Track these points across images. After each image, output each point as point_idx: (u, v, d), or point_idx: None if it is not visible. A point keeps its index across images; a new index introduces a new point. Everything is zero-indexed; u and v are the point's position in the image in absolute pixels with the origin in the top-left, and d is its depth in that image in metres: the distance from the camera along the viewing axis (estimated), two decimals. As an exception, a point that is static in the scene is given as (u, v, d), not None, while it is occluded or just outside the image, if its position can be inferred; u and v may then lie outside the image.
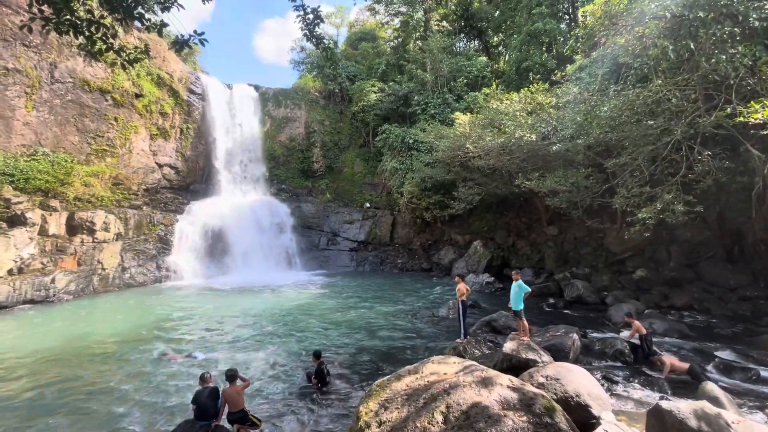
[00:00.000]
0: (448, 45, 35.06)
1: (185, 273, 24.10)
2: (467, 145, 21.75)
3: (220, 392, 5.97)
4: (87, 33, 6.85)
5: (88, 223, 20.46)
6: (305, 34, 9.11)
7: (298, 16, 8.68)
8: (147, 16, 7.38)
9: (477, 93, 29.33)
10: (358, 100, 35.82)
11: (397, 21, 40.91)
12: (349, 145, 38.39)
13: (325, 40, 9.59)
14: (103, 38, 7.01)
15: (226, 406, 5.91)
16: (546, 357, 8.52)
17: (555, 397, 5.71)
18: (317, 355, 8.43)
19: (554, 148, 17.52)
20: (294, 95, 37.93)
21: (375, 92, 34.91)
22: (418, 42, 36.49)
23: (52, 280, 17.89)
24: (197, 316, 15.28)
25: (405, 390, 4.88)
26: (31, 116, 21.79)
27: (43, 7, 6.36)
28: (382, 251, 31.43)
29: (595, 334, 12.21)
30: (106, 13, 7.13)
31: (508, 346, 8.42)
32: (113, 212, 22.25)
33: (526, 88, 21.52)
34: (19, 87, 21.35)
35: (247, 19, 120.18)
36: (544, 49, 27.59)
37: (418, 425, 4.21)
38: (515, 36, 30.20)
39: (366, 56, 42.95)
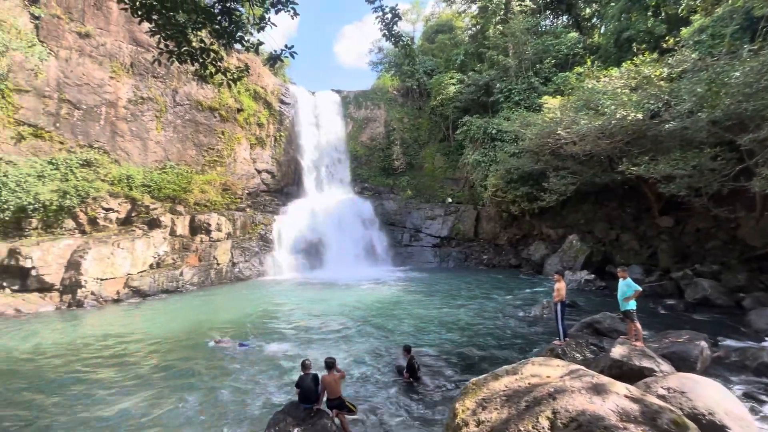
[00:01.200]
0: (532, 25, 32.64)
1: (283, 268, 26.44)
2: (558, 131, 20.00)
3: (320, 379, 6.42)
4: (200, 60, 7.92)
5: (205, 225, 23.67)
6: (384, 34, 9.27)
7: (376, 17, 8.87)
8: (246, 38, 8.27)
9: (568, 73, 26.79)
10: (436, 94, 35.37)
11: (474, 7, 39.34)
12: (429, 140, 38.17)
13: (403, 38, 9.67)
14: (213, 62, 8.03)
15: (325, 392, 6.33)
16: (666, 366, 7.45)
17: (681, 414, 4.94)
18: (408, 348, 8.55)
19: (667, 126, 15.18)
20: (373, 96, 38.98)
21: (454, 84, 34.11)
22: (499, 26, 34.56)
23: (181, 273, 21.10)
24: (294, 308, 16.66)
25: (504, 390, 4.67)
26: (160, 136, 25.96)
27: (168, 42, 7.51)
28: (466, 247, 30.65)
29: (729, 342, 10.33)
30: (213, 41, 8.15)
31: (618, 351, 7.54)
32: (224, 214, 25.38)
33: (628, 62, 18.99)
34: (151, 112, 25.58)
35: (328, 27, 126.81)
36: (650, 13, 24.01)
37: (521, 429, 3.99)
38: (613, 4, 26.83)
39: (443, 49, 42.16)
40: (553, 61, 29.84)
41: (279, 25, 7.90)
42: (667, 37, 18.39)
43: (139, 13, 7.02)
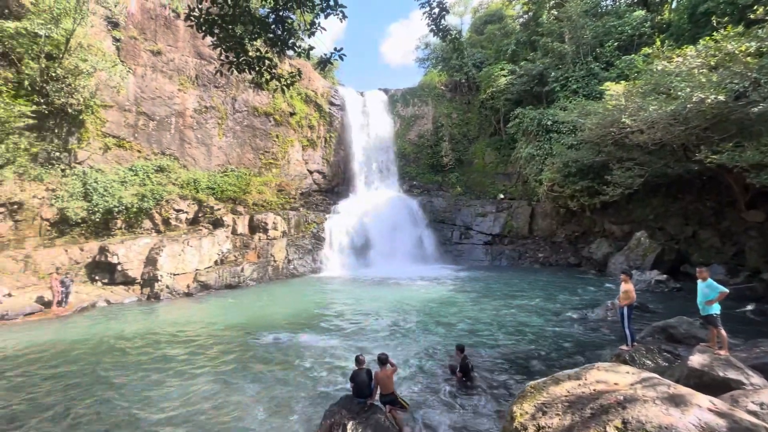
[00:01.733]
0: (591, 6, 30.44)
1: (334, 265, 27.22)
2: (623, 120, 18.46)
3: (373, 374, 6.52)
4: (257, 68, 8.38)
5: (262, 224, 25.03)
6: (431, 29, 9.17)
7: (423, 13, 8.80)
8: (297, 43, 8.60)
9: (633, 56, 24.65)
10: (486, 87, 34.30)
11: (526, -6, 37.57)
12: (479, 135, 37.15)
13: (451, 32, 9.49)
14: (268, 70, 8.47)
15: (378, 387, 6.42)
16: (757, 379, 6.58)
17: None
18: (461, 348, 8.40)
19: (757, 108, 13.40)
20: (420, 92, 38.71)
21: (504, 75, 32.85)
22: (553, 11, 32.66)
23: (242, 269, 22.51)
24: (345, 304, 17.08)
25: (566, 396, 4.42)
26: (222, 141, 27.86)
27: (228, 54, 8.04)
28: (519, 245, 29.45)
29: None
30: (268, 49, 8.57)
31: (697, 360, 6.80)
32: (279, 214, 26.65)
33: (706, 38, 17.00)
34: (214, 120, 27.54)
35: (374, 27, 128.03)
36: (733, -19, 21.30)
37: (586, 438, 3.75)
38: (686, -25, 24.20)
39: (492, 39, 40.74)
40: (615, 44, 27.64)
41: (327, 28, 8.11)
42: (755, 7, 16.18)
43: (203, 28, 7.59)
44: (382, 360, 6.54)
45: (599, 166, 22.50)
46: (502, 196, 32.55)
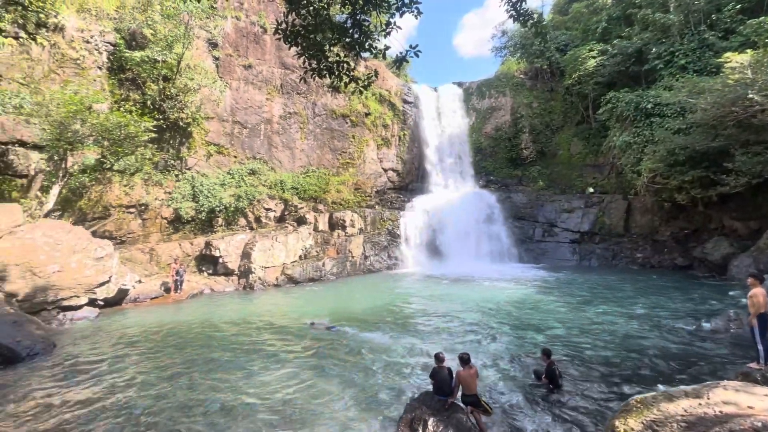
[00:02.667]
0: (704, -34, 26.09)
1: (409, 262, 27.43)
2: (750, 96, 15.58)
3: (455, 373, 6.42)
4: (336, 72, 8.78)
5: (341, 221, 26.23)
6: (511, 15, 8.70)
7: (501, -1, 8.38)
8: (373, 44, 8.80)
9: (763, 18, 20.56)
10: (571, 72, 31.51)
11: (620, -37, 33.53)
12: (563, 124, 34.33)
13: (532, 15, 8.88)
14: (346, 73, 8.81)
15: (460, 387, 6.30)
16: None
17: None
18: (548, 353, 7.87)
19: None
20: (497, 83, 37.01)
21: (594, 57, 29.83)
22: (654, -22, 28.69)
23: (323, 264, 23.87)
24: (421, 301, 17.11)
25: (682, 415, 3.86)
26: (304, 144, 29.80)
27: (310, 61, 8.55)
28: (613, 243, 26.60)
29: None
30: (346, 53, 8.92)
31: None
32: (356, 212, 27.66)
33: None
34: (296, 124, 29.58)
35: (447, 20, 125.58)
36: None
37: (710, 466, 3.24)
38: None
39: (579, 19, 37.22)
40: (738, 6, 23.36)
41: (401, 26, 8.20)
42: None
43: (289, 39, 8.18)
44: (464, 359, 6.41)
45: (716, 153, 19.26)
46: (591, 190, 29.68)
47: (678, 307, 14.37)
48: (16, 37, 18.78)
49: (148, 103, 22.11)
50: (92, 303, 15.16)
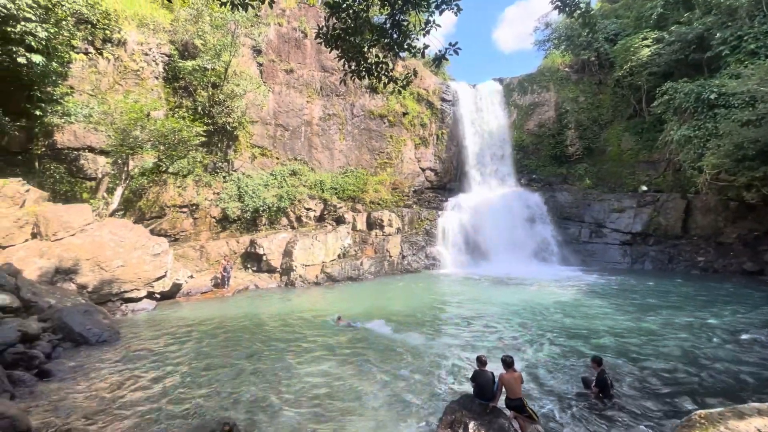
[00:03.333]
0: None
1: (447, 262, 27.08)
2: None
3: (497, 377, 6.26)
4: (375, 73, 8.86)
5: (379, 221, 26.42)
6: (556, 6, 8.34)
7: (547, -11, 8.05)
8: (412, 44, 8.79)
9: None
10: (622, 63, 29.64)
11: (678, -57, 31.02)
12: (613, 119, 32.36)
13: (579, 4, 8.46)
14: (385, 74, 8.86)
15: (504, 391, 6.13)
16: None
17: None
18: (598, 361, 7.43)
19: None
20: (540, 78, 35.57)
21: (648, 45, 27.86)
22: (719, -44, 26.25)
23: (361, 263, 24.16)
24: (460, 303, 16.84)
25: (753, 436, 3.52)
26: (342, 145, 30.32)
27: (350, 63, 8.69)
28: (669, 245, 24.73)
29: None
30: (385, 54, 8.96)
31: None
32: (393, 211, 27.75)
33: None
34: (335, 126, 30.15)
35: (486, 14, 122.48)
36: None
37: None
38: None
39: (630, 6, 34.87)
40: (821, -18, 20.82)
41: (440, 24, 8.11)
42: None
43: (330, 43, 8.36)
44: (508, 362, 6.23)
45: (794, 146, 17.33)
46: (645, 188, 27.76)
47: (747, 317, 13.09)
48: (86, 53, 20.68)
49: (199, 109, 23.50)
50: (150, 296, 16.37)
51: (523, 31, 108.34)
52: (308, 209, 25.86)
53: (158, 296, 16.71)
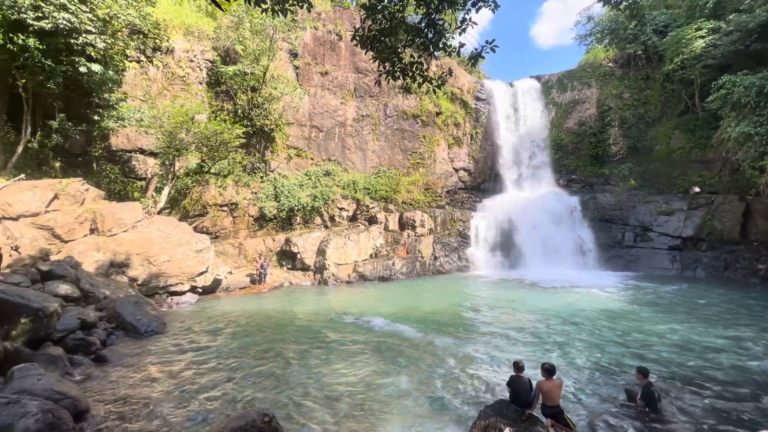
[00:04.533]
0: None
1: (480, 264, 26.54)
2: None
3: (535, 384, 6.06)
4: (410, 73, 8.84)
5: (411, 221, 26.34)
6: (601, -2, 7.96)
7: (592, -19, 7.70)
8: (448, 43, 8.69)
9: None
10: (673, 56, 27.80)
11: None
12: (661, 116, 30.46)
13: (626, -5, 8.03)
14: (420, 73, 8.83)
15: (541, 398, 5.93)
16: None
17: None
18: (644, 372, 6.96)
19: None
20: (581, 74, 34.10)
21: (702, 36, 25.96)
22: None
23: (393, 263, 24.20)
24: (494, 306, 16.43)
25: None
26: (375, 145, 30.51)
27: (385, 64, 8.73)
28: (725, 251, 22.91)
29: None
30: (420, 54, 8.92)
31: None
32: (426, 212, 27.56)
33: None
34: (369, 126, 30.40)
35: (524, 10, 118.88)
36: None
37: None
38: None
39: (683, -6, 32.65)
40: None
41: (477, 22, 7.95)
42: None
43: (365, 44, 8.44)
44: (549, 370, 6.01)
45: None
46: (697, 189, 25.91)
47: (817, 331, 11.89)
48: (138, 61, 22.12)
49: (239, 112, 24.50)
50: (193, 290, 17.25)
51: (562, 26, 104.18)
52: (341, 209, 26.23)
53: (200, 290, 17.57)
